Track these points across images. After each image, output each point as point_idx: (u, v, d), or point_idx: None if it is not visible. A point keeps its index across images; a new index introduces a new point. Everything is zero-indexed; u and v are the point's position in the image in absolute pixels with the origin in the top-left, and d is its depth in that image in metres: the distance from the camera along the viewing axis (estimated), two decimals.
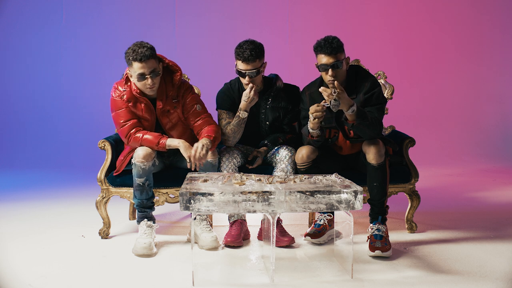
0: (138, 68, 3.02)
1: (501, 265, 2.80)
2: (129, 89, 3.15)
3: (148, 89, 3.09)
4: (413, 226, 3.43)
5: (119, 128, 3.18)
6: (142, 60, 3.00)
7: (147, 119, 3.20)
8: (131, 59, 3.02)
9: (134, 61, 3.01)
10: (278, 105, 3.38)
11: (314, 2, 6.74)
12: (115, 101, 3.19)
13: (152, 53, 3.05)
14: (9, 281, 2.62)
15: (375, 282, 2.58)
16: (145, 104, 3.17)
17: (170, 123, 3.24)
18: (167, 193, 3.32)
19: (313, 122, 3.01)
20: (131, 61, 3.03)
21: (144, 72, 3.03)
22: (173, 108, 3.20)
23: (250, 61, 3.18)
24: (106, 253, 3.03)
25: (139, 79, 3.05)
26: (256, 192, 2.52)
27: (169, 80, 3.21)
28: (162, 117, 3.21)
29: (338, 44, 3.07)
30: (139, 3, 6.66)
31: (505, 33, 6.77)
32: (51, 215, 3.97)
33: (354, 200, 2.56)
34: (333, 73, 3.05)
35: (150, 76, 3.04)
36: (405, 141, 3.42)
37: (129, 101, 3.15)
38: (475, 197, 4.51)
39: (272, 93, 3.38)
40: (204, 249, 3.07)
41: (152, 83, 3.06)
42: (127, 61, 3.07)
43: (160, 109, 3.18)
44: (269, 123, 3.40)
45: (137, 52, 3.01)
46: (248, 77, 3.21)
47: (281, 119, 3.41)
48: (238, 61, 3.22)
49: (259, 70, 3.22)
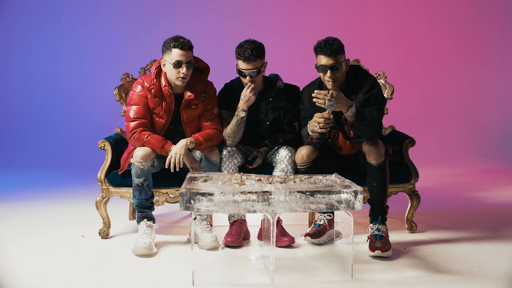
0: (177, 55, 3.09)
1: (501, 265, 2.80)
2: (158, 84, 3.19)
3: (180, 79, 3.13)
4: (413, 226, 3.43)
5: (127, 122, 3.20)
6: (183, 48, 3.10)
7: (163, 118, 3.22)
8: (172, 46, 3.10)
9: (175, 47, 3.10)
10: (279, 105, 3.38)
11: (314, 2, 6.74)
12: (134, 95, 3.21)
13: (191, 46, 3.16)
14: (9, 281, 2.62)
15: (375, 282, 2.58)
16: (167, 104, 3.19)
17: (190, 118, 3.27)
18: (167, 193, 3.32)
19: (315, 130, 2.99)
20: (171, 48, 3.11)
21: (182, 60, 3.10)
22: (201, 102, 3.25)
23: (251, 61, 3.18)
24: (106, 253, 3.03)
25: (175, 66, 3.10)
26: (256, 192, 2.52)
27: (198, 78, 3.27)
28: (184, 110, 3.24)
29: (339, 45, 3.06)
30: (139, 3, 6.66)
31: (505, 33, 6.77)
32: (51, 215, 3.97)
33: (354, 200, 2.56)
34: (332, 75, 3.04)
35: (186, 65, 3.10)
36: (405, 141, 3.42)
37: (156, 96, 3.18)
38: (475, 197, 4.51)
39: (272, 93, 3.38)
40: (204, 249, 3.07)
41: (186, 73, 3.12)
42: (166, 48, 3.13)
43: (186, 101, 3.21)
44: (269, 123, 3.40)
45: (179, 41, 3.11)
46: (249, 77, 3.22)
47: (281, 119, 3.41)
48: (239, 60, 3.22)
49: (260, 69, 3.23)
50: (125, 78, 3.62)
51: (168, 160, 3.11)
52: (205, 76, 3.30)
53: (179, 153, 3.09)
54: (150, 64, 3.60)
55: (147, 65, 3.61)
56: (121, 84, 3.60)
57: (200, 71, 3.30)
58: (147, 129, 3.17)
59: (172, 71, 3.13)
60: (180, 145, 3.12)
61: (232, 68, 3.30)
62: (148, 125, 3.19)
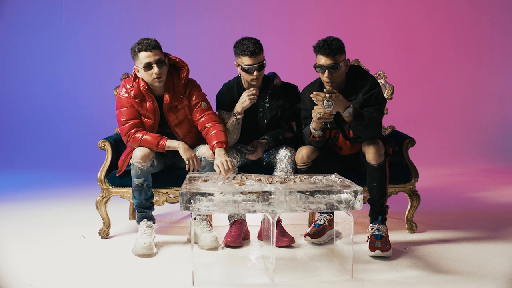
0: (144, 57, 3.07)
1: (501, 265, 2.80)
2: (137, 86, 3.17)
3: (156, 79, 3.10)
4: (413, 226, 3.43)
5: (120, 126, 3.19)
6: (147, 49, 3.06)
7: (151, 118, 3.21)
8: (137, 51, 3.08)
9: (140, 51, 3.07)
10: (276, 103, 3.38)
11: (314, 2, 6.74)
12: (120, 99, 3.20)
13: (157, 44, 3.12)
14: (9, 281, 2.62)
15: (375, 282, 2.58)
16: (151, 103, 3.18)
17: (177, 120, 3.25)
18: (167, 193, 3.32)
19: (316, 121, 3.01)
20: (137, 53, 3.08)
21: (151, 61, 3.07)
22: (181, 103, 3.22)
23: (256, 55, 3.19)
24: (106, 253, 3.03)
25: (145, 69, 3.08)
26: (256, 192, 2.52)
27: (176, 77, 3.24)
28: (168, 114, 3.22)
29: (338, 46, 3.05)
30: (139, 3, 6.66)
31: (505, 33, 6.77)
32: (51, 215, 3.97)
33: (354, 200, 2.56)
34: (329, 75, 3.04)
35: (156, 65, 3.07)
36: (405, 141, 3.42)
37: (136, 97, 3.17)
38: (475, 197, 4.51)
39: (269, 90, 3.37)
40: (204, 249, 3.07)
41: (159, 72, 3.08)
42: (134, 55, 3.11)
43: (167, 104, 3.19)
44: (267, 122, 3.40)
45: (142, 43, 3.08)
46: (256, 71, 3.21)
47: (279, 117, 3.40)
48: (243, 57, 3.21)
49: (263, 63, 3.23)
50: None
51: (187, 166, 3.10)
52: (183, 74, 3.24)
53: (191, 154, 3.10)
54: None
55: None
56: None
57: (178, 70, 3.26)
58: (140, 128, 3.17)
59: (146, 75, 3.10)
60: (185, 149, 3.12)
61: (232, 68, 3.29)
62: (140, 125, 3.18)
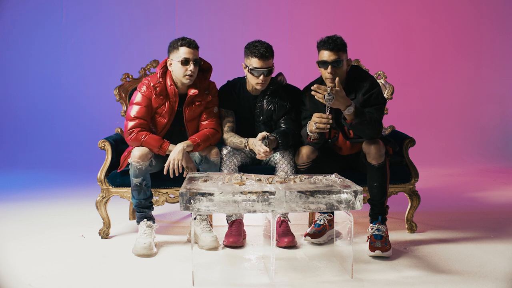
0: (184, 52, 3.15)
1: (501, 265, 2.80)
2: (163, 83, 3.22)
3: (188, 76, 3.17)
4: (413, 226, 3.43)
5: (127, 120, 3.21)
6: (190, 46, 3.17)
7: (165, 118, 3.24)
8: (179, 45, 3.17)
9: (182, 46, 3.16)
10: (273, 100, 3.35)
11: (314, 2, 6.75)
12: (138, 94, 3.23)
13: (197, 46, 3.23)
14: (9, 281, 2.62)
15: (375, 282, 2.58)
16: (171, 104, 3.22)
17: (193, 115, 3.29)
18: (167, 193, 3.32)
19: (313, 129, 3.00)
20: (179, 46, 3.17)
21: (189, 58, 3.15)
22: (204, 99, 3.29)
23: (266, 58, 3.19)
24: (106, 253, 3.03)
25: (183, 64, 3.15)
26: (256, 192, 2.52)
27: (201, 77, 3.32)
28: (187, 107, 3.26)
29: (342, 43, 3.08)
30: (139, 3, 6.67)
31: (505, 33, 6.77)
32: (51, 215, 3.97)
33: (354, 200, 2.56)
34: (332, 71, 3.05)
35: (193, 63, 3.15)
36: (405, 141, 3.42)
37: (161, 94, 3.21)
38: (475, 197, 4.51)
39: (271, 86, 3.35)
40: (204, 249, 3.07)
41: (194, 70, 3.16)
42: (173, 48, 3.19)
43: (190, 97, 3.24)
44: (263, 118, 3.36)
45: (185, 40, 3.19)
46: (263, 76, 3.21)
47: (276, 114, 3.36)
48: (252, 59, 3.20)
49: (271, 69, 3.23)
50: (125, 78, 3.62)
51: (167, 166, 3.12)
52: (208, 75, 3.35)
53: (177, 158, 3.10)
54: (150, 64, 3.61)
55: (147, 65, 3.62)
56: (121, 84, 3.60)
57: (203, 71, 3.34)
58: (145, 129, 3.18)
59: (180, 69, 3.16)
60: (177, 150, 3.12)
61: (232, 68, 3.30)
62: (146, 126, 3.19)
